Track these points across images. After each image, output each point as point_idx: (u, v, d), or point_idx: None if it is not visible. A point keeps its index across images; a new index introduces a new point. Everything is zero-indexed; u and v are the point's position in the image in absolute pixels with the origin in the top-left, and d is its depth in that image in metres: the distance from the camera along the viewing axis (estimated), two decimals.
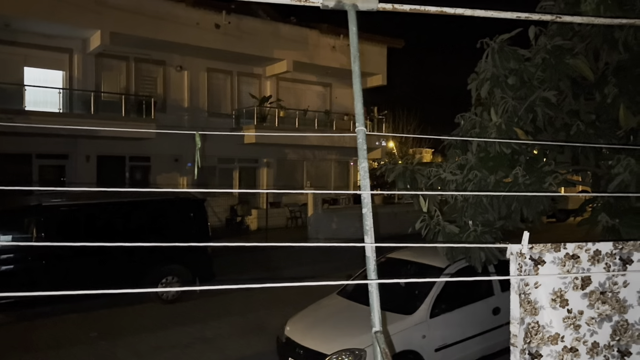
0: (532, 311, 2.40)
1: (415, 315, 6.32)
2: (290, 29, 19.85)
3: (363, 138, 2.36)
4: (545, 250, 2.44)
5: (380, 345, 2.14)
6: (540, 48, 5.07)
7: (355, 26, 2.50)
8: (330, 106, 22.62)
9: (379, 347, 2.14)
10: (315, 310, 7.09)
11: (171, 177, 18.58)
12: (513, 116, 5.03)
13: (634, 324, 2.51)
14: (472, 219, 4.70)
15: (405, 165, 5.49)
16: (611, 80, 5.08)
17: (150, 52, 17.83)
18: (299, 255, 14.52)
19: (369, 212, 2.29)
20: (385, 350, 2.09)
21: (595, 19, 3.21)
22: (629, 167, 4.25)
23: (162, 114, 17.84)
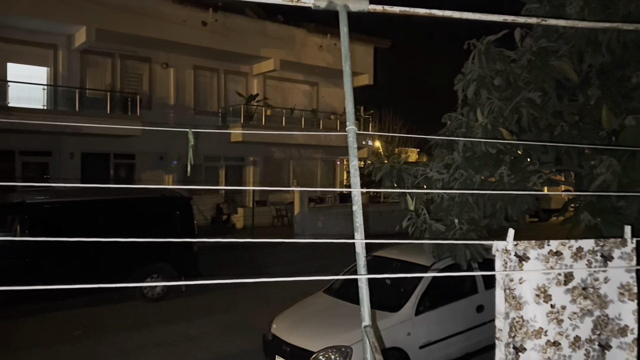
0: (517, 306, 2.47)
1: (401, 313, 6.39)
2: (277, 28, 19.85)
3: (354, 136, 2.40)
4: (529, 247, 2.51)
5: (369, 339, 2.18)
6: (526, 50, 5.15)
7: (347, 27, 2.54)
8: (317, 105, 22.67)
9: (369, 341, 2.19)
10: (302, 308, 7.13)
11: (156, 174, 18.47)
12: (499, 116, 5.11)
13: (614, 319, 2.59)
14: (458, 217, 4.77)
15: (392, 164, 5.55)
16: (594, 82, 5.19)
17: (136, 49, 17.71)
18: (285, 254, 14.55)
19: (359, 209, 2.33)
20: (375, 344, 2.14)
21: (579, 22, 3.29)
22: (611, 168, 4.35)
23: (148, 111, 17.74)
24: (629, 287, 2.58)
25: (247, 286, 10.65)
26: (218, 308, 9.67)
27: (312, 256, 14.18)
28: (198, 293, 10.41)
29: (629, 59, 4.97)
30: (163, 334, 8.27)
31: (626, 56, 4.98)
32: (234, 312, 9.42)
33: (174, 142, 17.69)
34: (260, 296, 10.26)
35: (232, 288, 10.52)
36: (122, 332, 8.30)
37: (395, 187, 5.34)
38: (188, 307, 9.72)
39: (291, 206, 18.68)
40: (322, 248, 14.87)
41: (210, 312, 9.40)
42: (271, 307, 8.26)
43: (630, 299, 2.58)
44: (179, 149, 18.04)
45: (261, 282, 10.87)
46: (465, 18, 2.78)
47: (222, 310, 9.52)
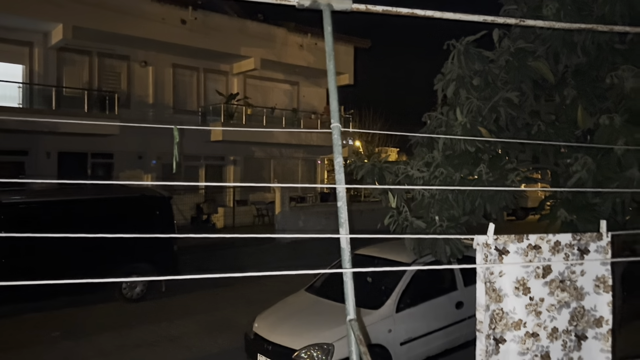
0: (497, 298, 2.54)
1: (382, 310, 6.46)
2: (257, 27, 19.80)
3: (338, 134, 2.44)
4: (509, 241, 2.58)
5: (355, 332, 2.22)
6: (504, 50, 5.27)
7: (331, 26, 2.57)
8: (298, 105, 22.68)
9: (354, 335, 2.22)
10: (284, 306, 7.15)
11: (135, 174, 18.27)
12: (477, 116, 5.21)
13: (589, 310, 2.68)
14: (438, 214, 4.85)
15: (373, 162, 5.61)
16: (570, 83, 5.32)
17: (114, 47, 17.49)
18: (266, 253, 14.54)
19: (344, 205, 2.37)
20: (360, 337, 2.18)
21: (556, 23, 3.38)
22: (586, 166, 4.48)
23: (126, 110, 17.53)
24: (604, 280, 2.67)
25: (229, 286, 10.64)
26: (199, 308, 9.63)
27: (294, 256, 14.21)
28: (178, 293, 10.35)
29: (603, 59, 5.12)
30: (143, 335, 8.21)
31: (600, 57, 5.13)
32: (215, 312, 9.39)
33: (152, 141, 17.52)
34: (241, 296, 10.25)
35: (213, 288, 10.49)
36: (101, 333, 8.22)
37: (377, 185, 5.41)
38: (168, 308, 9.66)
39: (272, 205, 18.64)
40: (303, 248, 14.89)
41: (191, 312, 9.36)
42: (253, 307, 8.26)
43: (605, 290, 2.68)
44: (158, 148, 17.88)
45: (245, 278, 10.87)
46: (446, 18, 2.84)
47: (203, 310, 9.48)
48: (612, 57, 5.07)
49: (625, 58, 4.94)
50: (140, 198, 10.59)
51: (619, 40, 5.01)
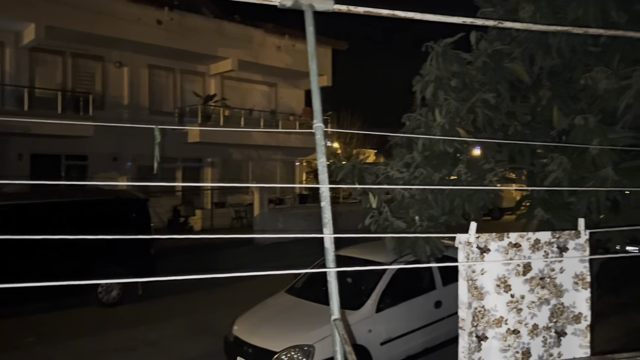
0: (479, 296, 2.57)
1: (362, 310, 6.47)
2: (234, 27, 19.70)
3: (322, 134, 2.44)
4: (490, 239, 2.61)
5: (339, 332, 2.22)
6: (481, 52, 5.34)
7: (312, 26, 2.56)
8: (276, 106, 22.62)
9: (338, 334, 2.22)
10: (264, 308, 7.11)
11: (110, 176, 17.97)
12: (455, 117, 5.27)
13: (568, 307, 2.73)
14: (418, 214, 4.89)
15: (353, 164, 5.63)
16: (545, 84, 5.43)
17: (88, 47, 17.18)
18: (245, 256, 14.46)
19: (327, 205, 2.36)
20: (345, 337, 2.18)
21: (533, 25, 3.44)
22: (562, 165, 4.56)
23: (101, 111, 17.23)
24: (582, 277, 2.72)
25: (207, 289, 10.53)
26: (177, 311, 9.51)
27: (273, 258, 14.15)
28: (156, 297, 10.21)
29: (577, 61, 5.23)
30: (121, 339, 8.07)
31: (574, 59, 5.24)
32: (193, 315, 9.29)
33: (128, 143, 17.26)
34: (220, 298, 10.16)
35: (191, 291, 10.36)
36: (77, 338, 8.05)
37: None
38: (146, 311, 9.52)
39: (250, 207, 18.53)
40: (282, 250, 14.85)
41: (169, 316, 9.24)
42: (232, 309, 8.19)
43: (584, 287, 2.73)
44: (133, 150, 17.62)
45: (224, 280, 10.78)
46: (426, 19, 2.86)
47: (181, 314, 9.37)
48: (585, 59, 5.18)
49: (598, 60, 5.06)
50: (116, 200, 10.42)
51: (592, 43, 5.13)
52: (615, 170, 4.32)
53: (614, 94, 4.37)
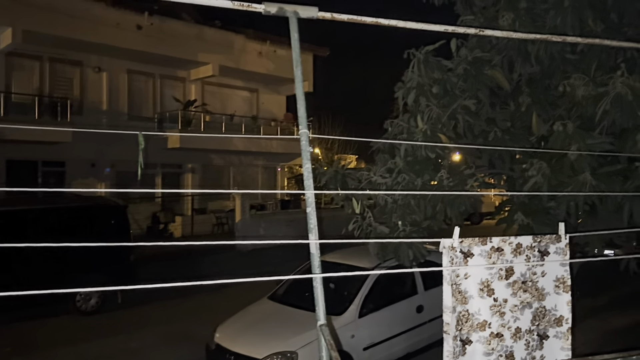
0: (463, 300, 2.59)
1: (345, 316, 6.47)
2: (215, 33, 19.64)
3: (307, 140, 2.44)
4: (473, 244, 2.64)
5: (325, 337, 2.22)
6: (462, 59, 5.42)
7: (297, 33, 2.58)
8: (257, 112, 22.57)
9: (324, 339, 2.22)
10: (246, 315, 7.06)
11: (88, 182, 17.70)
12: (437, 123, 5.34)
13: (550, 310, 2.77)
14: (401, 219, 4.92)
15: (336, 169, 5.65)
16: (524, 91, 5.53)
17: (66, 52, 16.95)
18: (226, 263, 14.35)
19: (313, 211, 2.37)
20: (331, 342, 2.18)
21: (513, 33, 3.50)
22: (541, 170, 4.65)
23: (79, 116, 17.00)
24: (563, 280, 2.77)
25: (188, 296, 10.42)
26: (157, 319, 9.38)
27: (254, 265, 14.06)
28: (136, 305, 10.06)
29: (555, 69, 5.34)
30: (100, 348, 7.93)
31: (553, 66, 5.35)
32: (174, 323, 9.17)
33: (106, 149, 17.04)
34: (201, 305, 10.05)
35: (171, 298, 10.24)
36: (56, 348, 7.88)
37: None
38: (126, 320, 9.37)
39: (232, 213, 18.41)
40: (264, 256, 14.78)
41: (149, 324, 9.11)
42: (213, 316, 8.11)
43: (565, 290, 2.78)
44: (112, 156, 17.41)
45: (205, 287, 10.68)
46: (408, 27, 2.90)
47: (162, 321, 9.24)
48: (563, 67, 5.30)
49: (576, 67, 5.18)
50: (94, 207, 10.26)
51: (570, 51, 5.25)
52: (593, 175, 4.42)
53: (591, 100, 4.47)
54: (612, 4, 5.07)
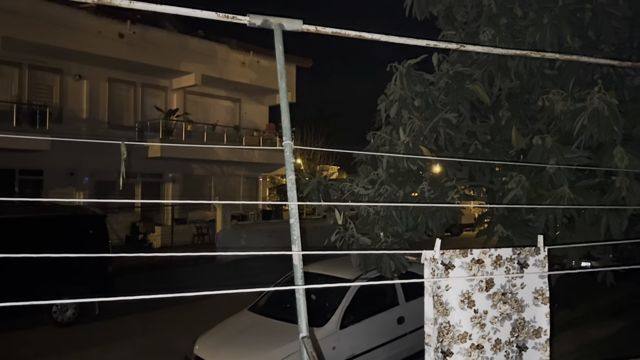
0: (444, 312, 2.61)
1: (326, 327, 6.44)
2: (198, 42, 19.63)
3: (290, 151, 2.45)
4: (454, 256, 2.67)
5: (307, 349, 2.21)
6: (443, 74, 5.50)
7: (282, 45, 2.59)
8: (240, 122, 22.53)
9: (307, 352, 2.21)
10: (226, 327, 6.98)
11: (66, 192, 17.42)
12: (419, 135, 5.40)
13: (529, 322, 2.81)
14: (383, 231, 4.94)
15: (318, 180, 5.67)
16: (504, 105, 5.63)
17: (46, 59, 16.75)
18: (207, 273, 14.21)
19: (296, 222, 2.37)
20: (313, 354, 2.17)
21: (493, 48, 3.57)
22: (520, 183, 4.72)
23: (58, 124, 16.78)
24: (542, 292, 2.81)
25: (167, 307, 10.28)
26: (135, 331, 9.23)
27: (235, 276, 13.96)
28: (113, 316, 9.88)
29: (535, 84, 5.45)
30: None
31: (532, 81, 5.46)
32: (153, 335, 9.03)
33: (85, 158, 16.83)
34: (180, 317, 9.92)
35: (150, 310, 10.10)
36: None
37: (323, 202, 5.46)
38: (103, 331, 9.20)
39: (212, 224, 18.26)
40: (244, 267, 14.68)
41: (127, 336, 8.95)
42: (193, 328, 8.02)
43: (543, 302, 2.82)
44: (91, 165, 17.20)
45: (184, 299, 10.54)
46: (391, 41, 2.93)
47: (140, 333, 9.09)
48: (542, 82, 5.41)
49: (554, 83, 5.29)
50: (72, 217, 10.10)
51: (549, 66, 5.36)
52: (571, 188, 4.49)
53: (569, 115, 4.56)
54: (590, 21, 5.20)
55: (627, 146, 4.57)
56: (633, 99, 5.20)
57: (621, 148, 4.49)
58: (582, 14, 5.20)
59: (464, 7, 6.30)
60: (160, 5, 2.32)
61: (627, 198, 4.42)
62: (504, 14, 5.30)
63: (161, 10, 2.29)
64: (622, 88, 5.29)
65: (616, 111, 4.40)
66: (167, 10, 2.30)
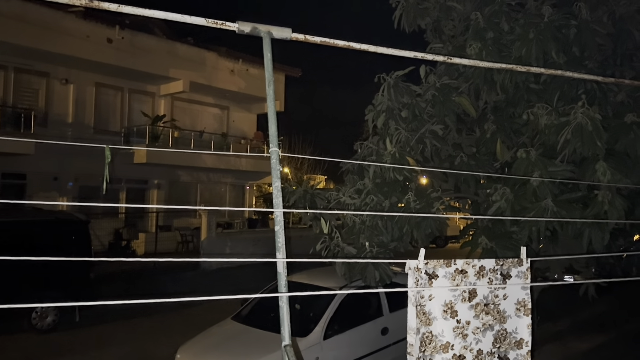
0: (427, 322, 2.61)
1: (310, 337, 6.41)
2: (187, 49, 19.60)
3: (277, 158, 2.45)
4: (438, 266, 2.68)
5: (289, 358, 2.20)
6: (430, 86, 5.56)
7: (270, 52, 2.60)
8: (228, 129, 22.48)
9: None
10: (208, 336, 6.91)
11: (50, 196, 17.18)
12: (405, 146, 5.43)
13: (511, 333, 2.82)
14: (368, 240, 4.95)
15: (305, 189, 5.67)
16: (490, 118, 5.69)
17: (33, 63, 16.59)
18: (191, 282, 14.09)
19: (281, 229, 2.36)
20: None
21: (479, 62, 3.62)
22: (505, 196, 4.76)
23: (43, 128, 16.59)
24: (524, 303, 2.83)
25: (148, 315, 10.17)
26: (116, 339, 9.11)
27: (220, 284, 13.86)
28: (94, 323, 9.75)
29: (520, 98, 5.52)
30: None
31: (517, 95, 5.53)
32: (133, 343, 8.92)
33: (70, 162, 16.65)
34: (162, 326, 9.81)
35: (131, 317, 9.98)
36: None
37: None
38: (83, 339, 9.06)
39: (197, 231, 18.14)
40: (229, 275, 14.59)
41: (107, 344, 8.83)
42: (174, 337, 7.93)
43: (525, 314, 2.83)
44: (75, 170, 17.01)
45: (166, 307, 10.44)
46: (380, 52, 2.96)
47: (120, 341, 8.97)
48: (527, 96, 5.48)
49: (539, 97, 5.36)
50: (54, 222, 9.96)
51: (534, 81, 5.44)
52: (554, 201, 4.54)
53: (553, 129, 4.63)
54: (574, 38, 5.29)
55: (609, 161, 4.64)
56: (616, 114, 5.29)
57: (604, 162, 4.56)
58: (567, 30, 5.30)
59: (451, 20, 6.38)
60: (149, 10, 2.31)
61: (609, 212, 4.48)
62: (490, 28, 5.37)
63: (150, 14, 2.29)
64: (605, 104, 5.38)
65: (599, 126, 4.47)
66: (155, 15, 2.29)
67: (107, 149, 2.40)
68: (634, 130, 4.74)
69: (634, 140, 4.72)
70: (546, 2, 5.47)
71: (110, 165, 2.41)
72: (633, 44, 5.77)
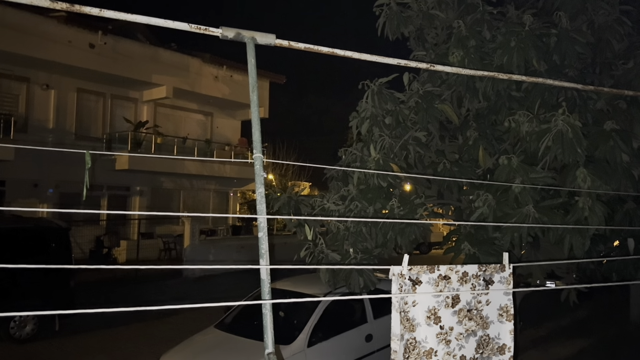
0: (411, 328, 2.61)
1: (294, 345, 6.37)
2: (170, 55, 19.51)
3: (261, 164, 2.44)
4: (421, 272, 2.68)
5: None
6: (414, 93, 5.60)
7: (254, 58, 2.59)
8: (211, 136, 22.37)
9: None
10: (191, 344, 6.83)
11: (29, 203, 16.90)
12: (389, 152, 5.45)
13: (494, 338, 2.83)
14: (352, 247, 4.95)
15: (289, 195, 5.66)
16: (472, 125, 5.75)
17: (12, 68, 16.36)
18: (173, 290, 13.94)
19: (264, 236, 2.35)
20: None
21: (462, 69, 3.65)
22: (487, 202, 4.80)
23: (23, 134, 16.35)
24: (507, 309, 2.84)
25: (130, 324, 10.03)
26: (97, 348, 8.96)
27: (204, 291, 13.73)
28: (74, 332, 9.58)
29: (502, 105, 5.59)
30: None
31: (499, 103, 5.60)
32: (114, 352, 8.77)
33: (50, 169, 16.41)
34: (144, 334, 9.68)
35: (112, 326, 9.83)
36: None
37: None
38: (63, 348, 8.89)
39: (180, 238, 17.97)
40: (212, 283, 14.47)
41: (88, 353, 8.68)
42: (156, 346, 7.84)
43: (508, 319, 2.85)
44: (56, 176, 16.77)
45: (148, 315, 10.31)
46: (363, 59, 2.97)
47: (101, 350, 8.82)
48: (509, 103, 5.55)
49: (521, 104, 5.44)
50: (34, 229, 9.79)
51: (515, 88, 5.51)
52: (536, 208, 4.60)
53: (535, 136, 4.69)
54: (555, 46, 5.38)
55: (589, 167, 4.72)
56: (595, 121, 5.38)
57: (584, 169, 4.63)
58: (548, 39, 5.39)
59: (434, 29, 6.45)
60: (132, 15, 2.29)
61: (590, 218, 4.55)
62: (472, 36, 5.44)
63: (132, 19, 2.27)
64: (585, 111, 5.47)
65: (579, 133, 4.54)
66: (138, 20, 2.27)
67: (87, 154, 2.36)
68: (613, 138, 4.83)
69: (613, 147, 4.80)
70: (527, 11, 5.56)
71: (91, 171, 2.37)
72: (612, 53, 5.89)
